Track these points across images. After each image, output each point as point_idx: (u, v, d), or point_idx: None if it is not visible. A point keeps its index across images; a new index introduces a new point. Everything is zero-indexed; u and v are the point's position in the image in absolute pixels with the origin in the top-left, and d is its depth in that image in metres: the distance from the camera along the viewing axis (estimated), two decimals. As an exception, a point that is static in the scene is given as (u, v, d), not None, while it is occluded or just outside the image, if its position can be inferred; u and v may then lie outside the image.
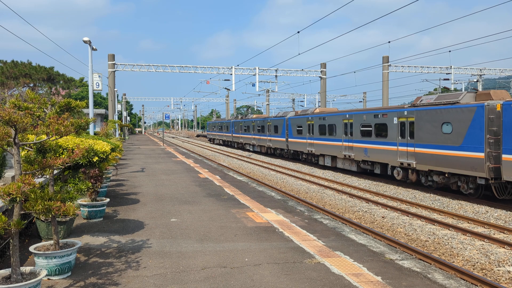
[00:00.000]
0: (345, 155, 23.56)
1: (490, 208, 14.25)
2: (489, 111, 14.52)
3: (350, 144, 23.00)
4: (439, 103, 17.10)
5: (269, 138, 36.44)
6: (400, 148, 18.75)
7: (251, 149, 43.12)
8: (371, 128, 21.13)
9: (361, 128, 22.01)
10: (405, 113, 18.53)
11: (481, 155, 14.61)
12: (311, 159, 28.91)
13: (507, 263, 9.13)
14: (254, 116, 43.89)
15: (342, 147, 23.87)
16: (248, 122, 43.11)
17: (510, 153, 13.68)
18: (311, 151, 27.78)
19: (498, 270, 8.78)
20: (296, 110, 38.72)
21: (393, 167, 19.65)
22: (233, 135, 48.79)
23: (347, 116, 23.52)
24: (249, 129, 42.42)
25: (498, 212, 13.75)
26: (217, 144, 60.29)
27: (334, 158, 25.54)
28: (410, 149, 18.12)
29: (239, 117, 48.97)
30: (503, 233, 11.40)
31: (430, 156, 16.98)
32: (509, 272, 8.64)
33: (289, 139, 31.99)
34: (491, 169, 14.40)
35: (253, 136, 41.14)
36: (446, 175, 16.44)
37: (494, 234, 11.36)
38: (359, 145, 22.08)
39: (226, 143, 55.45)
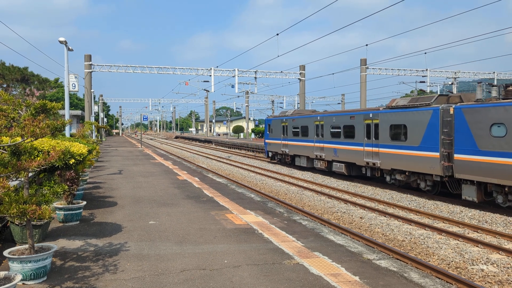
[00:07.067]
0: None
1: (464, 208, 14.58)
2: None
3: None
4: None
5: None
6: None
7: None
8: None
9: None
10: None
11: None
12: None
13: (480, 261, 9.35)
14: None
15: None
16: None
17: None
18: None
19: (472, 268, 8.99)
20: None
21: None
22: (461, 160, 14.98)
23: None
24: None
25: (472, 212, 14.08)
26: (301, 168, 27.29)
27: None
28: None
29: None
30: (477, 232, 11.69)
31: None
32: (482, 270, 8.86)
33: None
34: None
35: None
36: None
37: (468, 233, 11.63)
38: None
39: (359, 172, 21.37)
